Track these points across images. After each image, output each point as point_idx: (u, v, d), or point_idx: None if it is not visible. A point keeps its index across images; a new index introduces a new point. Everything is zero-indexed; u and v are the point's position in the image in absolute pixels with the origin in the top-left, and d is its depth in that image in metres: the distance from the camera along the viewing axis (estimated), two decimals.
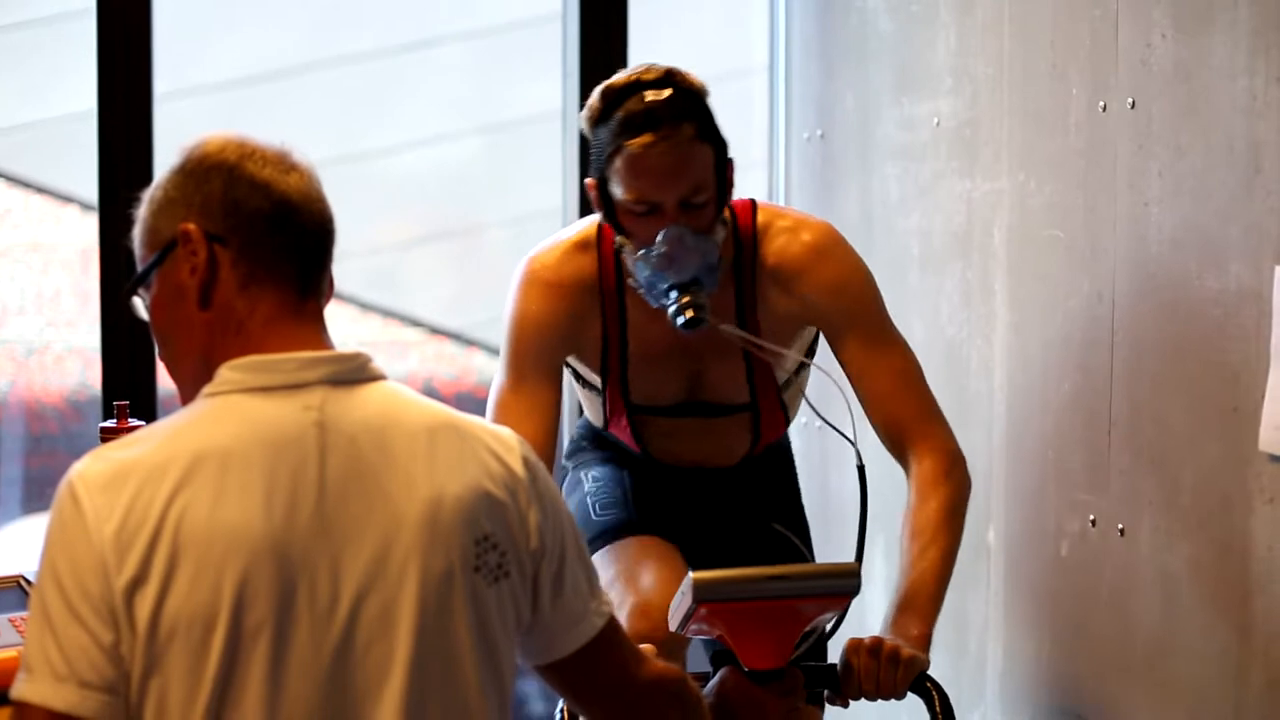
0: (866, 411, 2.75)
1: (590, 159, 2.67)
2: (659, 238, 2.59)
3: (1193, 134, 2.63)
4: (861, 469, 2.35)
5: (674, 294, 2.60)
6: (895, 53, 3.64)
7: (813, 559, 2.99)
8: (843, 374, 2.79)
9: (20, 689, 1.72)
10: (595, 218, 2.78)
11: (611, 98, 2.62)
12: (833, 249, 2.76)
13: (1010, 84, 3.16)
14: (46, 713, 1.70)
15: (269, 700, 1.73)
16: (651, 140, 2.57)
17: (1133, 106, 2.76)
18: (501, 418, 2.71)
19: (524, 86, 4.76)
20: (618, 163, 2.59)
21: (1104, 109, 2.83)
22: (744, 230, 2.75)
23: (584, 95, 3.98)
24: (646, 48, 4.01)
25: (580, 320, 2.75)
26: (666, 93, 2.60)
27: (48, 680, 1.70)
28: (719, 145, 2.63)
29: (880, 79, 3.69)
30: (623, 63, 3.98)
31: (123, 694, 1.71)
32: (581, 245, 2.76)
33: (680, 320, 2.59)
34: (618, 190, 2.61)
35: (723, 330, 2.65)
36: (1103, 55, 2.84)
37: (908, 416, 2.73)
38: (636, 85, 2.61)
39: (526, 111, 4.75)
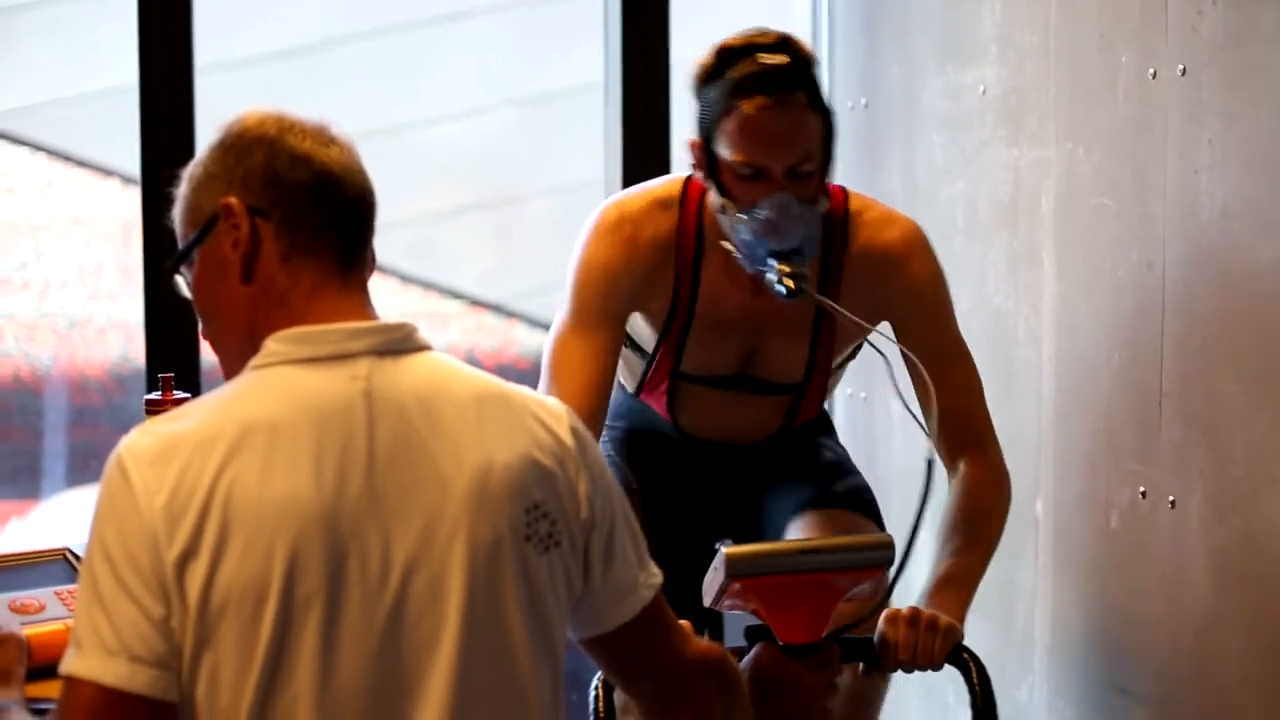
0: (928, 416, 2.73)
1: (697, 117, 2.63)
2: (764, 203, 2.57)
3: (1244, 102, 2.60)
4: (930, 463, 2.33)
5: (774, 262, 2.58)
6: (940, 21, 3.61)
7: (868, 485, 2.96)
8: (895, 355, 2.77)
9: (70, 664, 1.71)
10: (680, 176, 2.76)
11: (725, 57, 2.60)
12: (919, 249, 2.75)
13: (1057, 52, 3.13)
14: (96, 688, 1.69)
15: (321, 671, 1.72)
16: (766, 103, 2.55)
17: (1183, 74, 2.73)
18: (559, 359, 2.70)
19: (562, 57, 4.75)
20: (728, 123, 2.57)
21: (1154, 76, 2.80)
22: (834, 215, 2.73)
23: (626, 65, 3.97)
24: (689, 17, 3.99)
25: (651, 277, 2.73)
26: (782, 58, 2.58)
27: (98, 654, 1.69)
28: (827, 116, 2.62)
29: (925, 48, 3.66)
30: (665, 33, 3.96)
31: (174, 669, 1.71)
32: (664, 203, 2.74)
33: (781, 290, 2.57)
34: (725, 151, 2.59)
35: (821, 302, 2.63)
36: (1152, 22, 2.81)
37: (966, 426, 2.73)
38: (752, 48, 2.59)
39: (565, 83, 4.74)
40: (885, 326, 2.76)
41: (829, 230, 2.72)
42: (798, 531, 2.82)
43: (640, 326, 2.80)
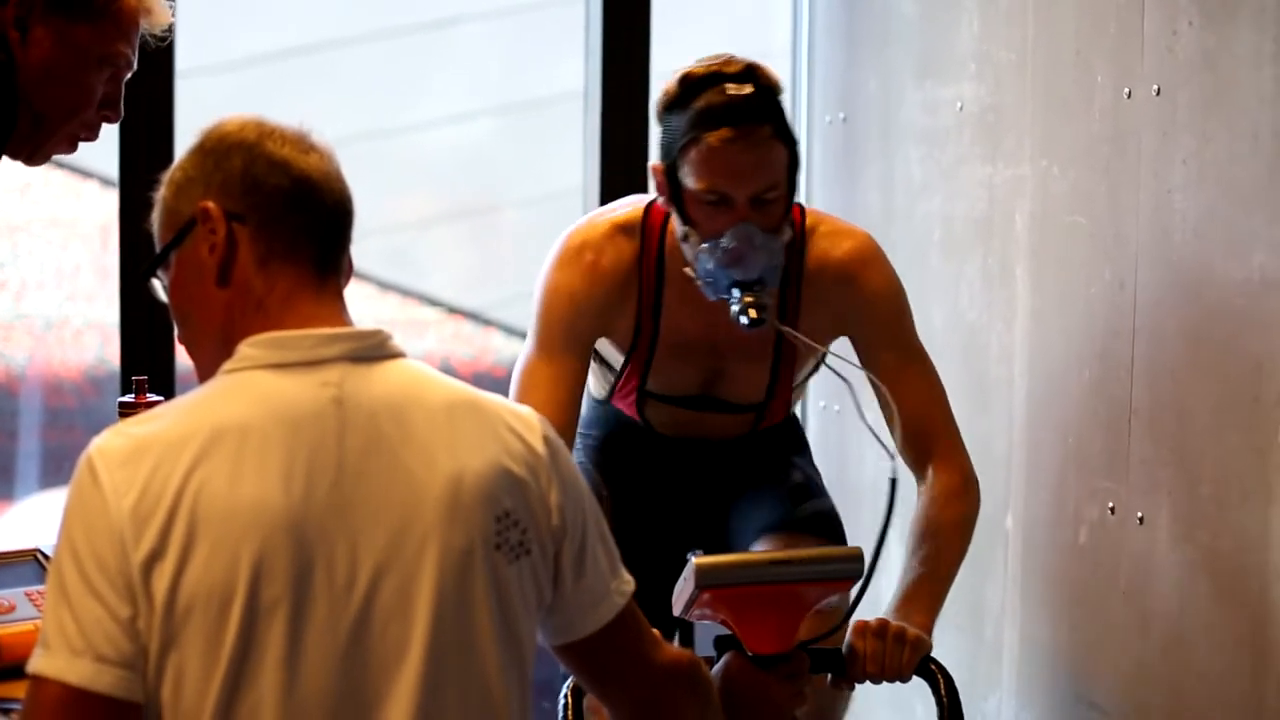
0: (890, 426, 2.75)
1: (661, 143, 2.64)
2: (728, 234, 2.58)
3: (1218, 122, 2.62)
4: (894, 481, 2.35)
5: (737, 292, 2.59)
6: (918, 37, 3.63)
7: (831, 504, 2.98)
8: (859, 374, 2.78)
9: (36, 663, 1.71)
10: (640, 199, 2.78)
11: (690, 86, 2.59)
12: (873, 260, 2.76)
13: (1034, 69, 3.15)
14: (62, 687, 1.69)
15: (285, 676, 1.73)
16: (731, 135, 2.55)
17: (1158, 94, 2.75)
18: (527, 386, 2.71)
19: (546, 66, 4.75)
20: (692, 153, 2.57)
21: (1129, 95, 2.82)
22: (791, 232, 2.74)
23: (606, 76, 3.98)
24: (670, 29, 4.00)
25: (615, 304, 2.74)
26: (748, 88, 2.58)
27: (64, 654, 1.70)
28: (791, 145, 2.62)
29: (903, 63, 3.68)
30: (646, 44, 3.97)
31: (140, 669, 1.71)
32: (626, 228, 2.75)
33: (744, 320, 2.58)
34: (689, 180, 2.59)
35: (784, 332, 2.64)
36: (1128, 42, 2.83)
37: (932, 434, 2.74)
38: (717, 76, 2.58)
39: (548, 91, 4.74)
40: (846, 344, 2.78)
41: (787, 249, 2.73)
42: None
43: (607, 348, 2.82)
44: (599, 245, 2.74)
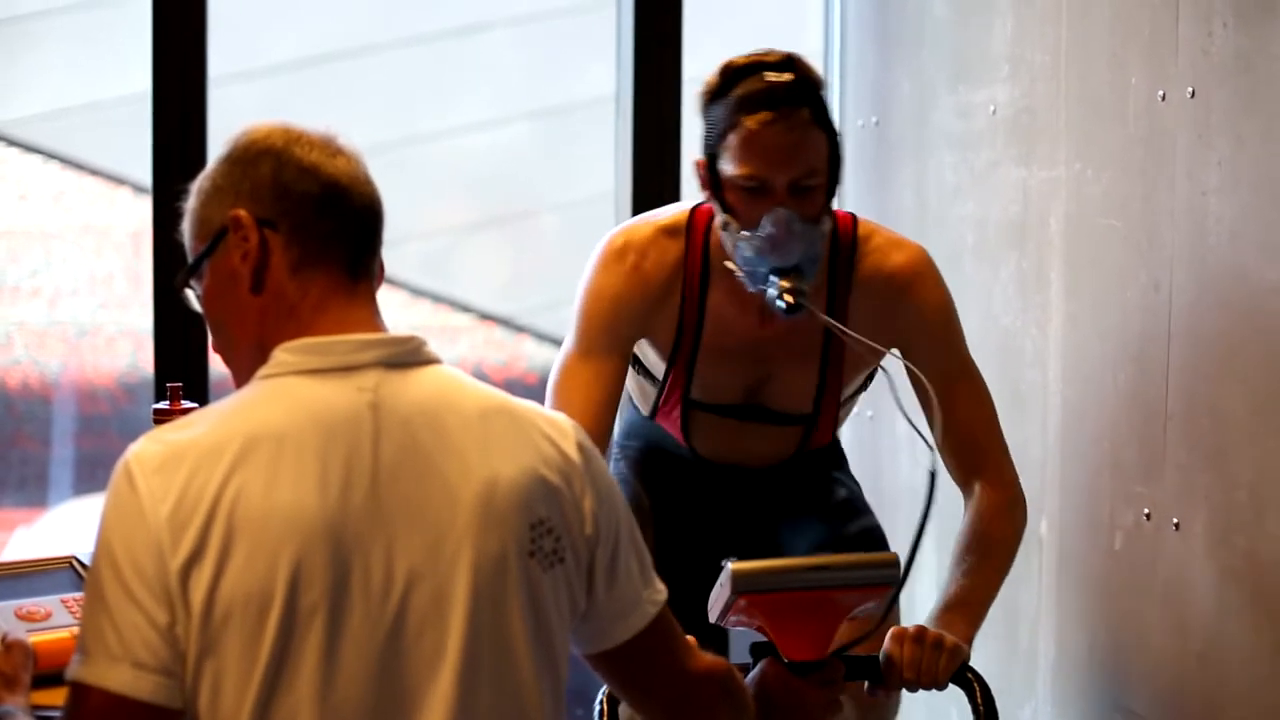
0: (937, 438, 2.73)
1: (703, 135, 2.64)
2: (766, 220, 2.57)
3: (1253, 124, 2.61)
4: (933, 475, 2.33)
5: (774, 278, 2.58)
6: (952, 39, 3.62)
7: (877, 524, 2.96)
8: (900, 379, 2.77)
9: (75, 670, 1.72)
10: (688, 205, 2.77)
11: (730, 75, 2.60)
12: (926, 275, 2.75)
13: (1068, 72, 3.14)
14: (101, 694, 1.70)
15: (322, 682, 1.73)
16: (770, 118, 2.55)
17: (1192, 96, 2.73)
18: (565, 383, 2.71)
19: (577, 71, 4.76)
20: (731, 139, 2.57)
21: (1163, 98, 2.81)
22: (843, 240, 2.73)
23: (638, 80, 3.98)
24: (701, 32, 4.00)
25: (658, 305, 2.74)
26: (787, 75, 2.58)
27: (102, 661, 1.70)
28: (833, 134, 2.62)
29: (936, 66, 3.67)
30: (677, 48, 3.97)
31: (178, 675, 1.72)
32: (671, 230, 2.74)
33: (780, 305, 2.57)
34: (728, 167, 2.59)
35: (821, 320, 2.62)
36: (1162, 44, 2.82)
37: (979, 450, 2.73)
38: (758, 65, 2.60)
39: (580, 96, 4.75)
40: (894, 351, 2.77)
41: (837, 256, 2.72)
42: None
43: (649, 353, 2.81)
44: (642, 247, 2.73)
